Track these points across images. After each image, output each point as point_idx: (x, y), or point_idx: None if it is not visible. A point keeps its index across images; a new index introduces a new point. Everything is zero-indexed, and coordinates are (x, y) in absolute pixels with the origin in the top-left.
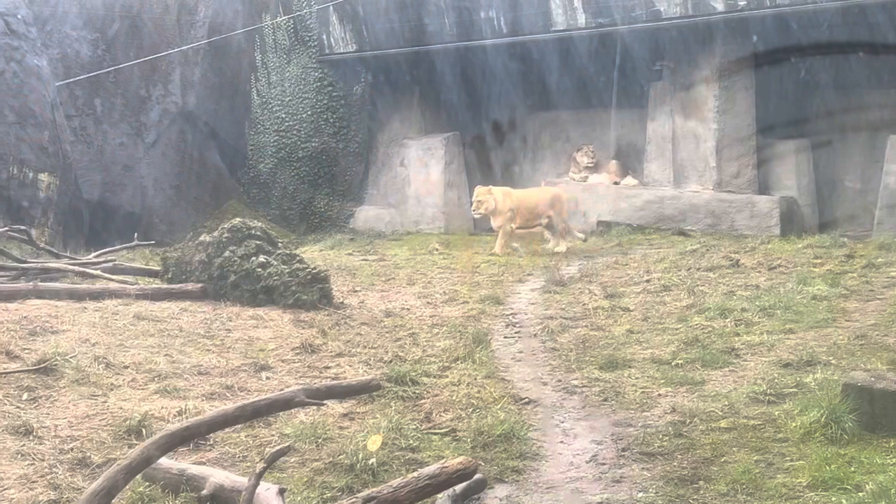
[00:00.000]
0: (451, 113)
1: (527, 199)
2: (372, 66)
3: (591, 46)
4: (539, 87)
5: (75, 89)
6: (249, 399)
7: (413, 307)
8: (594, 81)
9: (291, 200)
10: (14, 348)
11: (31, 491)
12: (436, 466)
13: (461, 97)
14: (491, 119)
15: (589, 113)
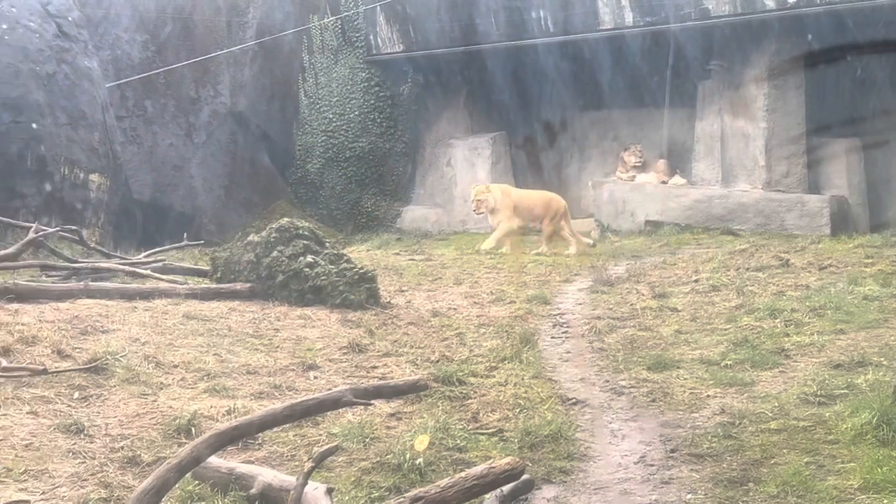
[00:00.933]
0: (498, 113)
1: (525, 199)
2: (419, 65)
3: (638, 45)
4: (586, 87)
5: (126, 91)
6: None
7: (460, 307)
8: (642, 80)
9: (339, 200)
10: (65, 347)
11: (83, 489)
12: (483, 467)
13: (508, 97)
14: (538, 118)
15: (636, 112)
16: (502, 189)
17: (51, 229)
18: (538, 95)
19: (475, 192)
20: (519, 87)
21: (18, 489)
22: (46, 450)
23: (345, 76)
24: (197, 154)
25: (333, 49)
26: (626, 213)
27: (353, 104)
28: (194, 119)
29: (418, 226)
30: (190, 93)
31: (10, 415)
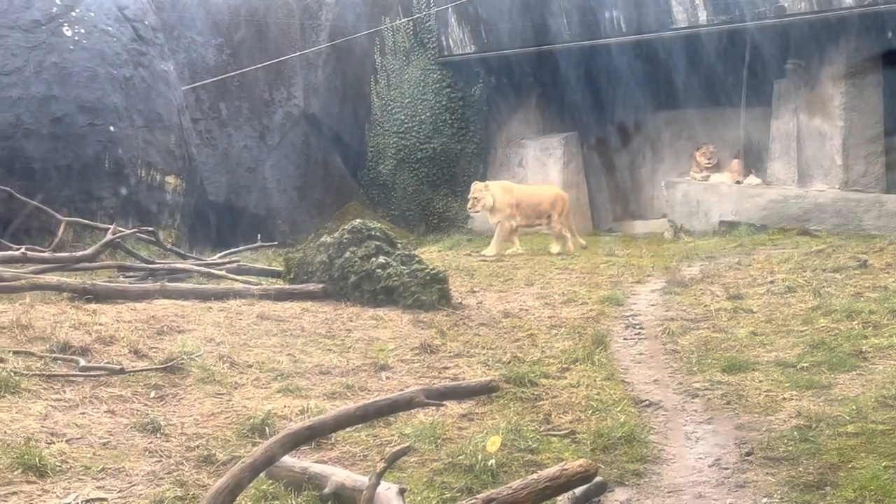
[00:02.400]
0: (571, 113)
1: (528, 196)
2: (490, 66)
3: (713, 44)
4: (659, 86)
5: (201, 93)
6: (371, 399)
7: (531, 308)
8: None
9: (410, 201)
10: (142, 347)
11: (159, 487)
12: (556, 468)
13: (580, 97)
14: (610, 118)
15: (710, 112)
16: (503, 186)
17: (128, 231)
18: (611, 95)
19: (472, 189)
20: (591, 87)
21: (96, 487)
22: (123, 448)
23: (416, 77)
24: (270, 156)
25: (405, 51)
26: (699, 214)
27: (424, 105)
28: (268, 121)
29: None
30: (264, 95)
31: (89, 413)
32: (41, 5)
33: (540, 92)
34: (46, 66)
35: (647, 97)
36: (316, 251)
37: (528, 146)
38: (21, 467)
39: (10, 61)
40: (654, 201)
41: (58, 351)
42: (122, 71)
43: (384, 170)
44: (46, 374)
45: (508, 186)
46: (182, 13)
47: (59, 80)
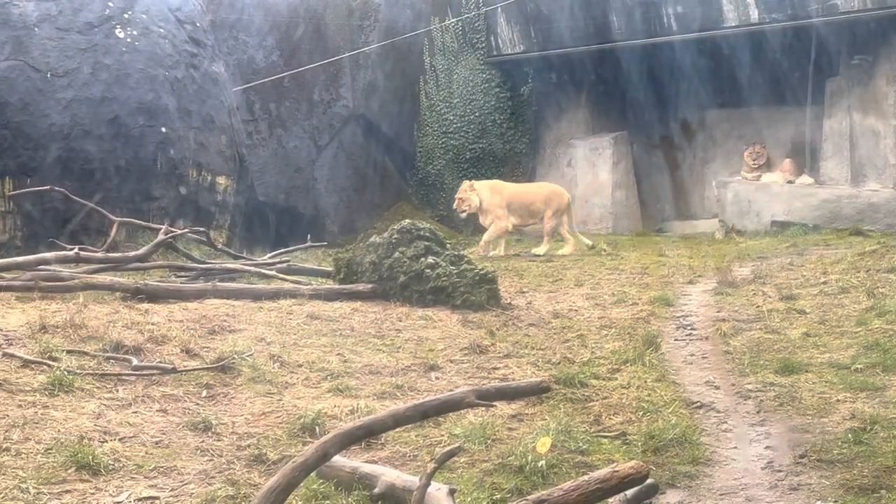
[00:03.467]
0: (620, 112)
1: (521, 194)
2: (539, 66)
3: (763, 43)
4: (709, 85)
5: (251, 94)
6: (421, 399)
7: (581, 308)
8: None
9: None
10: (194, 347)
11: (210, 486)
12: (607, 470)
13: (630, 96)
14: (660, 118)
15: (762, 110)
16: (492, 186)
17: (180, 231)
18: (660, 94)
19: (460, 189)
20: (641, 87)
21: (148, 486)
22: (175, 447)
23: (465, 77)
24: (320, 156)
25: (454, 51)
26: (751, 214)
27: (473, 105)
28: (318, 122)
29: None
30: (314, 96)
31: (141, 412)
32: (95, 8)
33: (589, 91)
34: (100, 68)
35: (698, 96)
36: (365, 251)
37: (577, 146)
38: (74, 466)
39: (64, 63)
40: (705, 201)
41: (111, 350)
42: (175, 72)
43: (433, 170)
44: (100, 374)
45: (498, 186)
46: (233, 15)
47: (113, 82)
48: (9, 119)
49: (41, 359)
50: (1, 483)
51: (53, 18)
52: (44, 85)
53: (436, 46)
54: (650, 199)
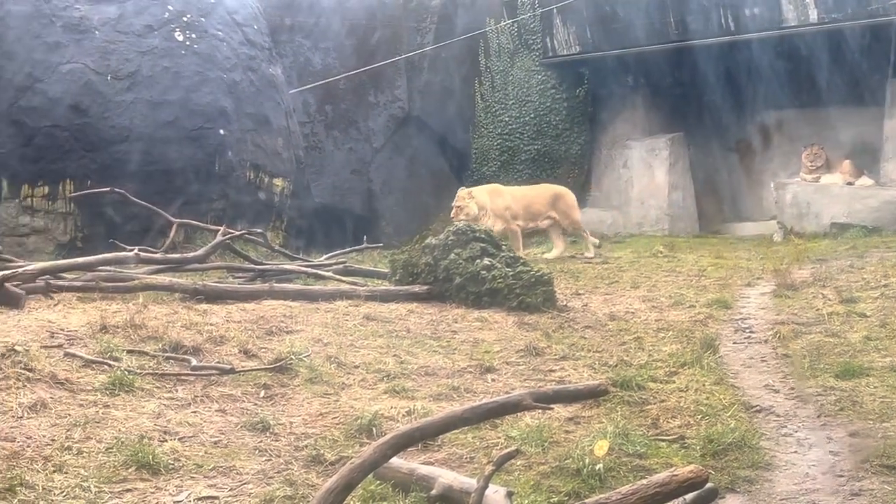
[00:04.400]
0: (676, 113)
1: (522, 197)
2: (595, 67)
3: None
4: (767, 86)
5: (308, 97)
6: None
7: (638, 311)
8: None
9: None
10: (252, 347)
11: (268, 486)
12: (666, 474)
13: (686, 97)
14: (717, 119)
15: (821, 111)
16: (490, 190)
17: (237, 232)
18: (717, 95)
19: (457, 196)
20: (697, 88)
21: (207, 485)
22: (234, 447)
23: (520, 79)
24: (375, 158)
25: (510, 52)
26: (810, 216)
27: (528, 107)
28: (373, 123)
29: (594, 228)
30: (370, 98)
31: (200, 412)
32: (155, 11)
33: (645, 92)
34: (159, 71)
35: (756, 97)
36: (421, 253)
37: (633, 147)
38: (135, 465)
39: (123, 66)
40: (762, 203)
41: (170, 350)
42: (232, 75)
43: (488, 171)
44: (159, 374)
45: (497, 189)
46: (289, 18)
47: (172, 85)
48: (70, 121)
49: (102, 359)
50: (63, 481)
51: (114, 22)
52: (104, 88)
53: (491, 48)
54: (707, 200)
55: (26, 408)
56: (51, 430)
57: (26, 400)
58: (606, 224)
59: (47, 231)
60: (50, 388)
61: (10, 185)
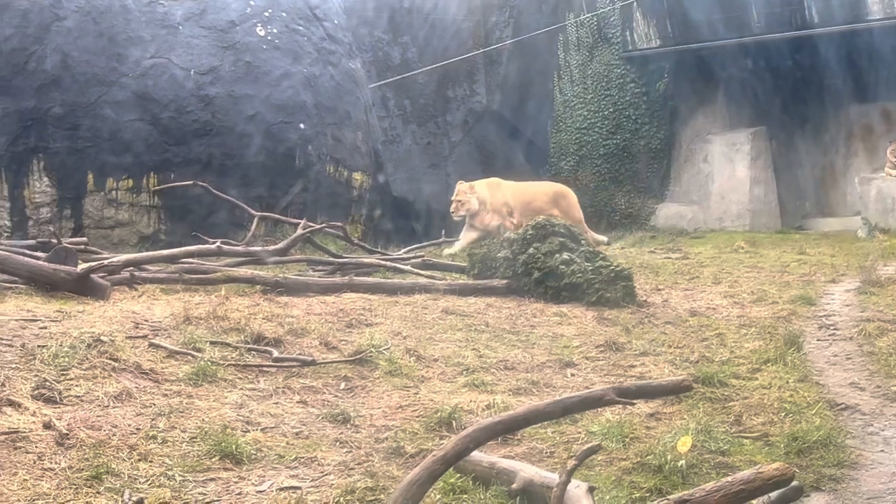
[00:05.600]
0: (758, 107)
1: (522, 192)
2: (675, 60)
3: None
4: (851, 79)
5: (386, 91)
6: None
7: (719, 307)
8: None
9: (592, 198)
10: (332, 339)
11: (349, 478)
12: (750, 472)
13: (768, 91)
14: (800, 112)
15: None
16: (489, 184)
17: (317, 226)
18: (799, 89)
19: (457, 190)
20: (780, 81)
21: (290, 475)
22: (315, 438)
23: (599, 73)
24: (453, 152)
25: (589, 46)
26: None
27: (607, 101)
28: (451, 118)
29: (673, 223)
30: (448, 92)
31: (282, 403)
32: (236, 6)
33: (727, 86)
34: (240, 66)
35: (838, 90)
36: (499, 247)
37: (713, 141)
38: (218, 454)
39: (206, 61)
40: (846, 198)
41: (252, 342)
42: (312, 69)
43: (566, 166)
44: (241, 365)
45: (497, 183)
46: (368, 13)
47: (253, 80)
48: (154, 116)
49: (186, 349)
50: (148, 470)
51: (197, 17)
52: (187, 82)
53: (570, 42)
54: (789, 195)
55: (112, 397)
56: (136, 420)
57: (112, 389)
58: (686, 219)
59: (131, 223)
60: (135, 377)
61: (96, 178)
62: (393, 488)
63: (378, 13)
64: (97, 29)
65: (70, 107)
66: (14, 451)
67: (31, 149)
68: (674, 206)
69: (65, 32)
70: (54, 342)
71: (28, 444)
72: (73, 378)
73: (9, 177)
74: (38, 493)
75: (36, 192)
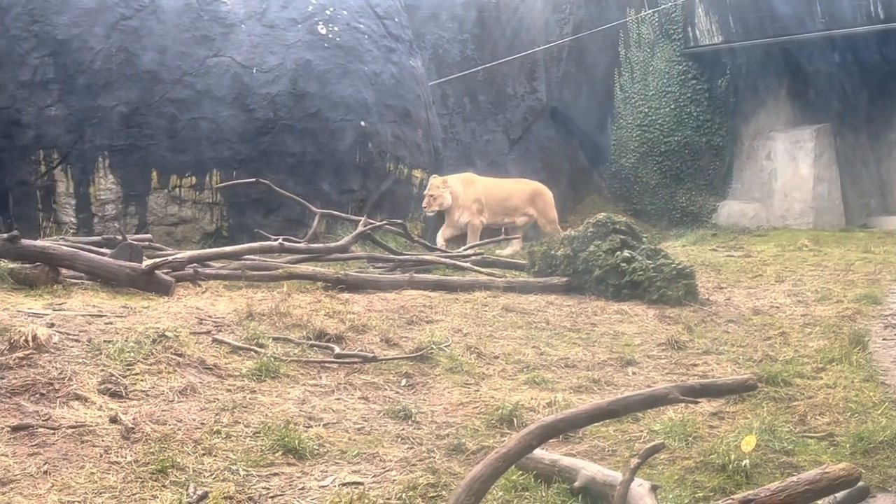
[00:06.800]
0: (823, 104)
1: (496, 190)
2: (738, 57)
3: None
4: None
5: (446, 88)
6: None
7: (782, 305)
8: None
9: (653, 195)
10: (393, 336)
11: (411, 474)
12: (816, 472)
13: (833, 87)
14: (865, 109)
15: None
16: (464, 179)
17: (378, 223)
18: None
19: (430, 185)
20: (845, 77)
21: (352, 471)
22: (377, 434)
23: (661, 69)
24: (513, 150)
25: (650, 42)
26: None
27: (668, 98)
28: (511, 115)
29: (735, 221)
30: (508, 89)
31: (344, 399)
32: (298, 4)
33: (790, 82)
34: (301, 64)
35: None
36: (560, 244)
37: (776, 139)
38: (281, 449)
39: (267, 59)
40: None
41: (314, 338)
42: (373, 67)
43: (626, 163)
44: (304, 361)
45: (470, 179)
46: (429, 10)
47: (313, 77)
48: (216, 113)
49: (249, 345)
50: (213, 464)
51: (258, 16)
52: (249, 80)
53: (631, 38)
54: (854, 193)
55: (177, 392)
56: (200, 414)
57: (177, 384)
58: (748, 217)
59: (194, 220)
60: (199, 373)
61: (160, 175)
62: (454, 485)
63: (438, 11)
64: (161, 28)
65: (134, 105)
66: (81, 445)
67: (96, 147)
68: (736, 204)
69: (129, 31)
70: (120, 337)
71: (95, 438)
72: (138, 373)
73: (75, 174)
74: (104, 487)
75: (101, 190)
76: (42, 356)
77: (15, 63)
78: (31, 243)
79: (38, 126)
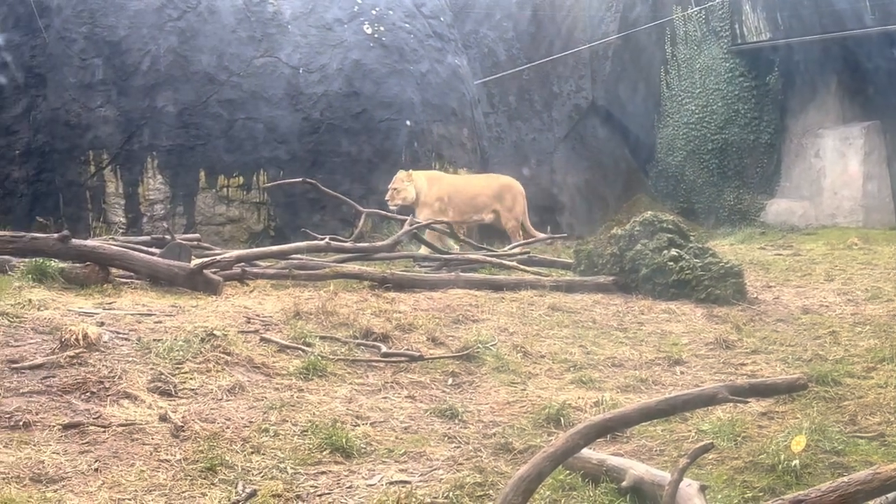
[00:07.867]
0: (873, 101)
1: (464, 187)
2: (786, 54)
3: None
4: None
5: (491, 87)
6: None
7: (832, 304)
8: None
9: (700, 194)
10: (439, 335)
11: (458, 473)
12: (867, 472)
13: (882, 84)
14: None
15: None
16: (429, 176)
17: (423, 222)
18: None
19: (395, 178)
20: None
21: (399, 470)
22: (424, 433)
23: (708, 67)
24: (558, 148)
25: (697, 40)
26: None
27: (715, 95)
28: (556, 114)
29: (783, 219)
30: (553, 88)
31: (390, 398)
32: (344, 4)
33: (840, 79)
34: (348, 63)
35: None
36: (606, 243)
37: (825, 136)
38: (329, 448)
39: (315, 59)
40: None
41: (360, 337)
42: (419, 66)
43: (673, 161)
44: (351, 359)
45: (436, 177)
46: (474, 9)
47: (360, 77)
48: (263, 113)
49: (296, 344)
50: (261, 462)
51: (305, 16)
52: (296, 80)
53: (678, 35)
54: None
55: (225, 390)
56: (248, 413)
57: (225, 383)
58: (797, 215)
59: (242, 220)
60: (247, 371)
61: (208, 175)
62: (501, 484)
63: (484, 10)
64: (209, 29)
65: (182, 105)
66: (131, 443)
67: (145, 147)
68: (784, 202)
69: (177, 32)
70: (169, 336)
71: (144, 436)
72: (187, 371)
73: (124, 174)
74: (154, 484)
75: (150, 190)
76: (92, 355)
77: (65, 65)
78: (82, 243)
79: (88, 127)
